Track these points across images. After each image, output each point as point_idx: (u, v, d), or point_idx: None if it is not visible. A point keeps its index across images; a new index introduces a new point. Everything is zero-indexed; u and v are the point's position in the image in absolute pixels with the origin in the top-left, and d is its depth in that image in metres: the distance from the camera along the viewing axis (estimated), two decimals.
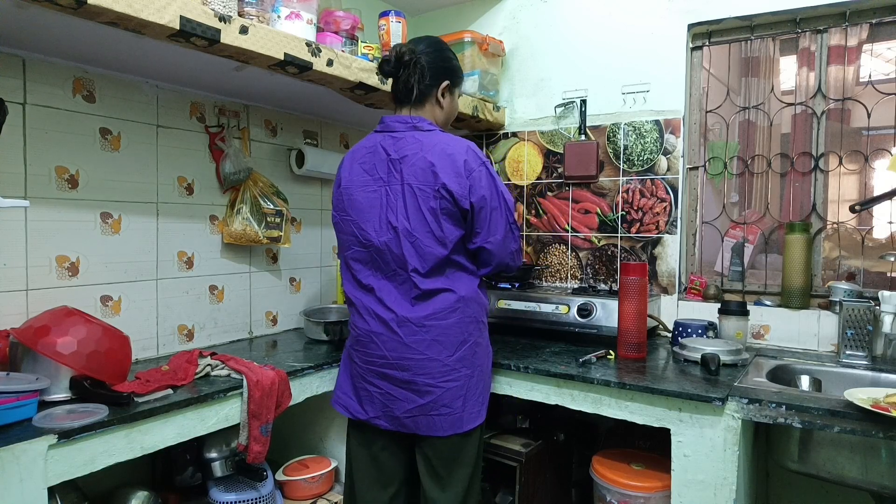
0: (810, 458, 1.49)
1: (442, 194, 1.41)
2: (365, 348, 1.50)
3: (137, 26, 1.26)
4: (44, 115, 1.53)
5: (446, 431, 1.45)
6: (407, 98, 1.52)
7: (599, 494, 1.70)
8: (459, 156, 1.43)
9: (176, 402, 1.33)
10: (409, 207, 1.43)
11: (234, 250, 2.04)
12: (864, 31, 1.96)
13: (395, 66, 1.51)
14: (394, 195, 1.45)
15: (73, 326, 1.34)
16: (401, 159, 1.45)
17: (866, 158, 1.96)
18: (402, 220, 1.43)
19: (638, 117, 2.22)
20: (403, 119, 1.51)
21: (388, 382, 1.47)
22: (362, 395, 1.52)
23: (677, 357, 1.78)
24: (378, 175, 1.48)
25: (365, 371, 1.51)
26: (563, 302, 2.00)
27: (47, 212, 1.55)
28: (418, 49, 1.51)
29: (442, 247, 1.44)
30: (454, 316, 1.46)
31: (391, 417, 1.48)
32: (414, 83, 1.50)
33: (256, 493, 1.60)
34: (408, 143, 1.47)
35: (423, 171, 1.42)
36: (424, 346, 1.44)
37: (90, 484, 1.40)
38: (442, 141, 1.46)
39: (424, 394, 1.44)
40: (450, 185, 1.40)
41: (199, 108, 1.91)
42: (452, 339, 1.46)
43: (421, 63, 1.50)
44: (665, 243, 2.18)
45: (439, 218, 1.42)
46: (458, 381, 1.46)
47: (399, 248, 1.44)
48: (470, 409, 1.48)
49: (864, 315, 1.77)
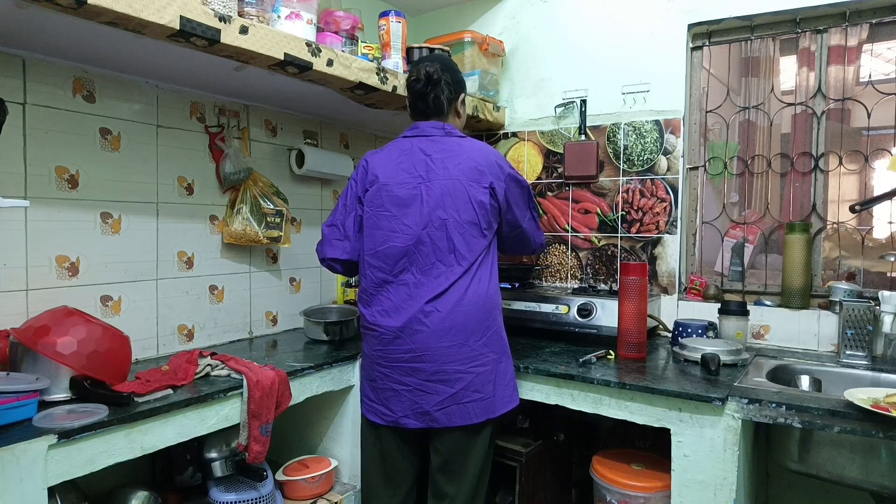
0: (810, 458, 1.49)
1: (490, 191, 1.57)
2: (389, 346, 1.54)
3: (137, 26, 1.26)
4: (44, 115, 1.53)
5: (480, 418, 1.51)
6: (432, 112, 1.65)
7: (599, 494, 1.70)
8: (497, 160, 1.62)
9: (176, 402, 1.33)
10: (459, 200, 1.54)
11: (234, 250, 2.04)
12: (864, 31, 1.96)
13: (425, 85, 1.62)
14: (438, 190, 1.55)
15: (73, 326, 1.34)
16: (445, 158, 1.57)
17: (866, 158, 1.96)
18: (452, 213, 1.54)
19: (638, 117, 2.22)
20: (437, 125, 1.64)
21: (416, 378, 1.52)
22: (388, 396, 1.56)
23: (677, 357, 1.78)
24: (417, 173, 1.57)
25: (390, 370, 1.54)
26: (563, 302, 2.00)
27: (47, 212, 1.55)
28: (441, 67, 1.64)
29: (484, 238, 1.57)
30: (481, 304, 1.54)
31: (420, 413, 1.52)
32: (444, 99, 1.64)
33: (256, 493, 1.60)
34: (447, 145, 1.60)
35: (471, 169, 1.56)
36: (453, 334, 1.50)
37: (90, 484, 1.40)
38: (479, 146, 1.63)
39: (455, 381, 1.50)
40: (494, 183, 1.57)
41: (199, 108, 1.91)
42: (479, 325, 1.53)
43: (446, 80, 1.63)
44: (665, 243, 2.18)
45: (487, 211, 1.56)
46: (487, 366, 1.53)
47: (445, 240, 1.53)
48: (501, 394, 1.55)
49: (864, 315, 1.77)
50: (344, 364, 1.79)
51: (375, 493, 1.63)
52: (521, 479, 1.84)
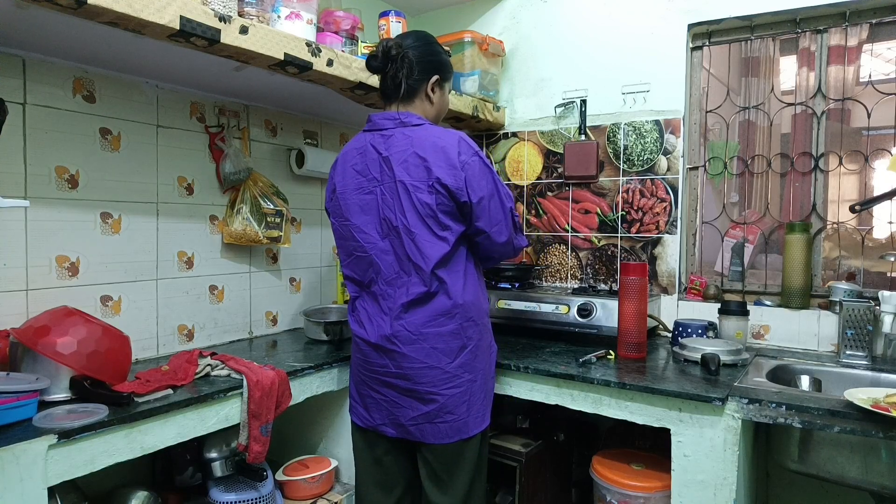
0: (810, 458, 1.49)
1: (437, 189, 1.38)
2: (367, 357, 1.50)
3: (137, 26, 1.26)
4: (44, 115, 1.53)
5: (451, 438, 1.44)
6: (395, 93, 1.49)
7: (599, 494, 1.70)
8: (452, 148, 1.39)
9: (176, 402, 1.33)
10: (405, 204, 1.39)
11: (234, 250, 2.04)
12: (864, 31, 1.96)
13: (383, 62, 1.47)
14: (390, 194, 1.42)
15: (73, 326, 1.34)
16: (391, 156, 1.42)
17: (866, 158, 1.96)
18: (401, 218, 1.41)
19: (638, 117, 2.22)
20: (391, 116, 1.47)
21: (391, 390, 1.47)
22: (368, 402, 1.52)
23: (677, 357, 1.78)
24: (372, 175, 1.44)
25: (369, 379, 1.51)
26: (563, 302, 2.00)
27: (47, 212, 1.55)
28: (405, 43, 1.48)
29: (444, 242, 1.41)
30: (451, 322, 1.43)
31: (397, 424, 1.48)
32: (402, 78, 1.46)
33: (256, 493, 1.60)
34: (398, 139, 1.43)
35: (416, 166, 1.39)
36: (423, 355, 1.42)
37: (90, 484, 1.40)
38: (432, 134, 1.42)
39: (428, 402, 1.43)
40: (444, 179, 1.37)
41: (199, 108, 1.91)
42: (451, 346, 1.43)
43: (409, 57, 1.46)
44: (665, 243, 2.18)
45: (437, 213, 1.39)
46: (461, 388, 1.44)
47: (402, 248, 1.42)
48: (474, 414, 1.47)
49: (864, 315, 1.77)
50: (344, 364, 1.79)
51: (369, 497, 1.57)
52: (521, 479, 1.84)
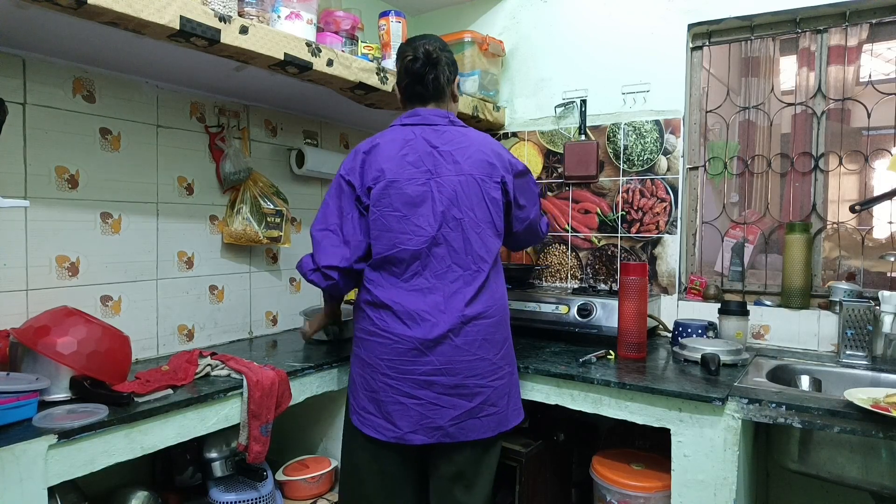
0: (810, 458, 1.49)
1: (502, 186, 1.50)
2: (401, 356, 1.41)
3: (137, 26, 1.26)
4: (44, 115, 1.53)
5: (493, 431, 1.45)
6: (431, 95, 1.54)
7: (599, 494, 1.70)
8: (504, 153, 1.55)
9: (176, 402, 1.33)
10: (473, 198, 1.45)
11: (234, 250, 2.04)
12: (864, 31, 1.96)
13: (424, 65, 1.50)
14: (449, 186, 1.44)
15: (73, 326, 1.34)
16: (453, 150, 1.46)
17: (866, 158, 1.96)
18: (468, 211, 1.44)
19: (638, 117, 2.22)
20: (439, 113, 1.53)
21: (431, 391, 1.41)
22: (393, 410, 1.42)
23: (677, 357, 1.78)
24: (425, 167, 1.45)
25: (399, 382, 1.42)
26: (563, 302, 2.00)
27: (47, 212, 1.55)
28: (439, 46, 1.54)
29: (499, 238, 1.51)
30: (499, 313, 1.48)
31: (431, 429, 1.40)
32: (443, 81, 1.53)
33: (256, 493, 1.60)
34: (453, 135, 1.49)
35: (482, 163, 1.47)
36: (476, 347, 1.43)
37: (90, 484, 1.40)
38: (486, 139, 1.54)
39: (474, 396, 1.42)
40: (506, 178, 1.50)
41: (199, 108, 1.91)
42: (499, 337, 1.47)
43: (446, 60, 1.53)
44: (665, 243, 2.18)
45: (500, 209, 1.50)
46: (504, 379, 1.48)
47: (462, 241, 1.44)
48: (513, 407, 1.50)
49: (864, 315, 1.77)
50: (344, 364, 1.79)
51: None
52: (521, 479, 1.84)
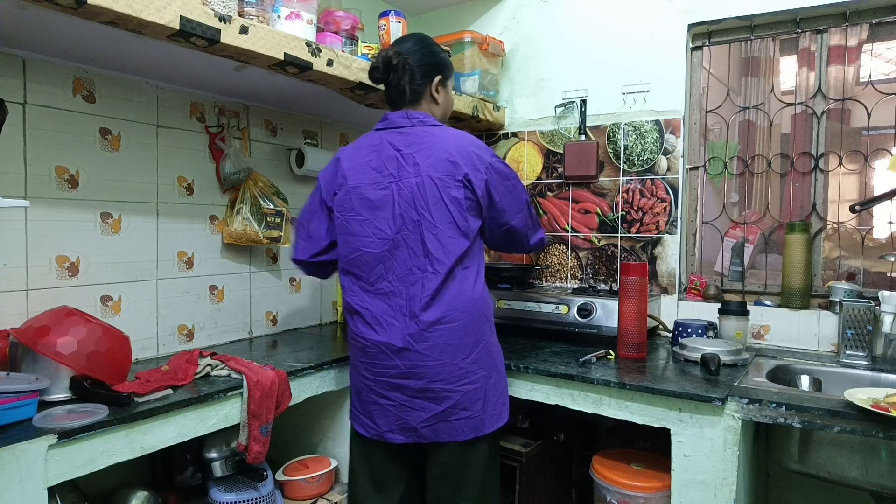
0: (810, 458, 1.49)
1: (465, 184, 1.43)
2: (374, 360, 1.45)
3: (137, 26, 1.26)
4: (44, 115, 1.53)
5: (468, 435, 1.43)
6: (401, 100, 1.52)
7: (599, 494, 1.70)
8: (474, 148, 1.46)
9: (176, 402, 1.33)
10: (430, 199, 1.42)
11: (234, 250, 2.04)
12: (864, 31, 1.96)
13: (385, 72, 1.51)
14: (408, 189, 1.43)
15: (73, 326, 1.34)
16: (414, 153, 1.44)
17: (866, 158, 1.96)
18: (424, 213, 1.42)
19: (638, 117, 2.22)
20: (409, 114, 1.50)
21: (401, 394, 1.43)
22: (373, 409, 1.47)
23: (677, 357, 1.78)
24: (388, 171, 1.46)
25: (375, 384, 1.46)
26: (563, 302, 2.00)
27: (47, 212, 1.55)
28: (404, 50, 1.51)
29: (465, 238, 1.44)
30: (465, 317, 1.43)
31: (406, 429, 1.44)
32: (405, 85, 1.50)
33: (256, 493, 1.60)
34: (418, 136, 1.47)
35: (443, 162, 1.43)
36: (437, 352, 1.41)
37: (90, 484, 1.40)
38: (455, 135, 1.48)
39: (442, 400, 1.41)
40: (471, 175, 1.43)
41: (199, 108, 1.91)
42: (466, 341, 1.43)
43: (409, 64, 1.49)
44: (665, 243, 2.18)
45: (462, 208, 1.43)
46: (476, 384, 1.44)
47: (420, 243, 1.42)
48: (490, 411, 1.46)
49: (864, 315, 1.77)
50: (344, 364, 1.79)
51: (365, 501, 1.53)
52: (521, 479, 1.84)
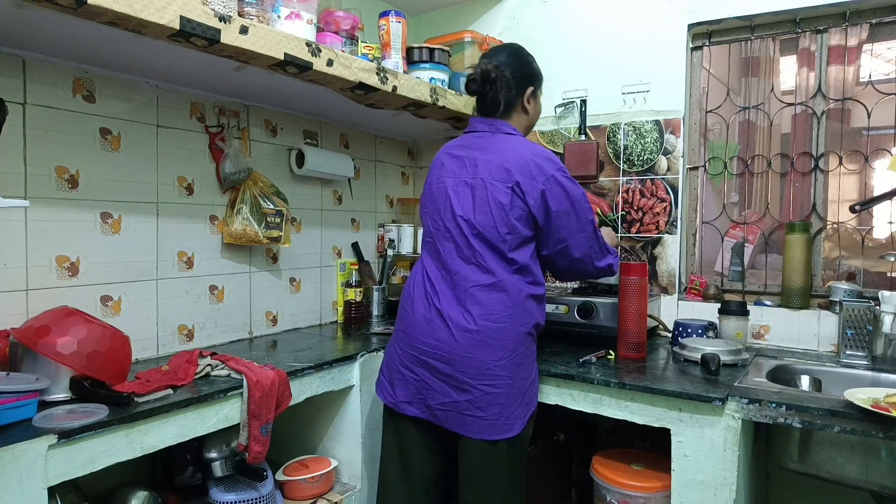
0: (810, 458, 1.49)
1: (515, 192, 1.45)
2: (410, 331, 1.53)
3: (137, 26, 1.26)
4: (44, 115, 1.53)
5: (475, 434, 1.44)
6: (494, 110, 1.58)
7: (599, 494, 1.70)
8: (537, 159, 1.48)
9: (176, 402, 1.33)
10: (478, 200, 1.48)
11: (234, 250, 2.04)
12: (864, 31, 1.96)
13: (482, 84, 1.55)
14: (463, 187, 1.51)
15: (73, 326, 1.34)
16: (478, 157, 1.52)
17: (866, 158, 1.96)
18: (469, 212, 1.49)
19: (638, 117, 2.22)
20: (488, 121, 1.58)
21: (426, 371, 1.49)
22: (396, 379, 1.56)
23: (677, 357, 1.78)
24: (452, 169, 1.56)
25: (404, 354, 1.54)
26: (563, 302, 1.99)
27: (47, 212, 1.55)
28: (500, 62, 1.56)
29: (503, 244, 1.47)
30: (507, 322, 1.46)
31: (423, 405, 1.50)
32: (502, 98, 1.55)
33: (256, 493, 1.60)
34: (490, 143, 1.54)
35: (498, 168, 1.48)
36: (473, 346, 1.44)
37: (90, 484, 1.40)
38: (520, 144, 1.52)
39: (462, 391, 1.44)
40: (523, 183, 1.45)
41: (199, 108, 1.91)
42: (502, 344, 1.45)
43: (506, 76, 1.55)
44: (665, 243, 2.18)
45: (508, 214, 1.46)
46: (499, 388, 1.44)
47: (465, 241, 1.48)
48: (505, 420, 1.44)
49: (864, 315, 1.77)
50: (344, 364, 1.79)
51: (390, 488, 1.58)
52: None
